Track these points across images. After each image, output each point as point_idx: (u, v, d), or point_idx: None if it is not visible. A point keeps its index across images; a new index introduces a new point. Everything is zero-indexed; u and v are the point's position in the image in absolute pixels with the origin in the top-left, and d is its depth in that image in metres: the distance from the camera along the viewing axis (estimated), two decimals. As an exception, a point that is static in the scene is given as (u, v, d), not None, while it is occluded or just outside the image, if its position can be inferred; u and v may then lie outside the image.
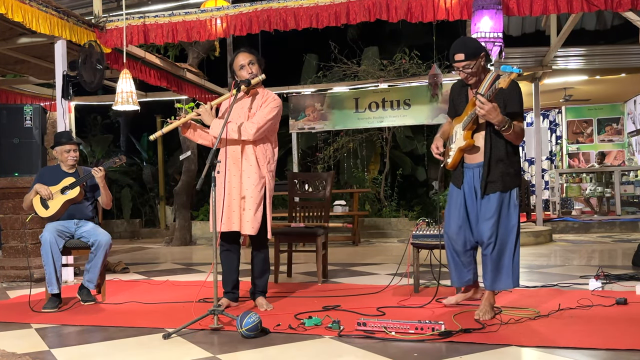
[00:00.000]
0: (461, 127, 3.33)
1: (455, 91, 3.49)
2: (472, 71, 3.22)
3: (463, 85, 3.42)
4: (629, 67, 9.34)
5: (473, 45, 3.22)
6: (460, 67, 3.22)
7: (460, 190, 3.39)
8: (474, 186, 3.33)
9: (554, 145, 13.50)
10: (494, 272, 3.29)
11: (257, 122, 3.66)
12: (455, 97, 3.49)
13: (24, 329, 3.43)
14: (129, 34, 6.10)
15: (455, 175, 3.44)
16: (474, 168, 3.33)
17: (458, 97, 3.46)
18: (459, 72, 3.26)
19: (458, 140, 3.36)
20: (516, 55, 8.83)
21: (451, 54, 3.26)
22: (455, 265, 3.48)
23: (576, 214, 10.84)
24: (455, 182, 3.43)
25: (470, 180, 3.35)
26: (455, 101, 3.48)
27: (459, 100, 3.45)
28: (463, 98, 3.41)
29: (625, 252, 6.60)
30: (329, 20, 5.58)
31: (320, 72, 12.12)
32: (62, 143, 4.29)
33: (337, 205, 8.65)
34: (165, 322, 3.43)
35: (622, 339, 2.75)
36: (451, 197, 3.45)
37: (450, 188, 3.49)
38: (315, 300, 4.00)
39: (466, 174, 3.37)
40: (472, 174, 3.34)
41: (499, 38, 5.19)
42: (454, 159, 3.39)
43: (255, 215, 3.67)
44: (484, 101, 3.01)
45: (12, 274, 5.52)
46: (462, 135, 3.31)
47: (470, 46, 3.21)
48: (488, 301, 3.32)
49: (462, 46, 3.22)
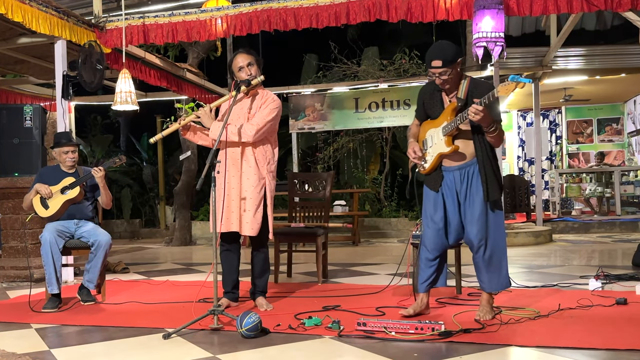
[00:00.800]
0: (441, 133, 3.26)
1: (427, 95, 3.40)
2: (448, 78, 3.17)
3: (436, 90, 3.34)
4: (629, 67, 9.34)
5: (451, 52, 3.13)
6: (437, 74, 3.16)
7: (438, 193, 3.33)
8: (456, 189, 3.28)
9: (554, 145, 13.50)
10: (490, 274, 3.28)
11: (257, 124, 3.66)
12: (426, 101, 3.40)
13: (24, 329, 3.43)
14: (129, 34, 6.10)
15: (431, 179, 3.37)
16: (454, 171, 3.28)
17: (430, 101, 3.37)
18: (436, 77, 3.19)
19: (438, 145, 3.29)
20: (516, 55, 8.83)
21: (428, 60, 3.17)
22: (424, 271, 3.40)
23: (576, 214, 10.84)
24: (432, 185, 3.36)
25: (451, 183, 3.29)
26: (426, 105, 3.40)
27: (431, 104, 3.37)
28: (437, 102, 3.34)
29: (625, 252, 6.60)
30: (329, 20, 5.58)
31: (320, 72, 12.12)
32: (61, 144, 4.29)
33: (337, 205, 8.65)
34: (165, 322, 3.43)
35: (622, 339, 2.75)
36: (428, 201, 3.38)
37: (425, 192, 3.42)
38: (315, 300, 4.00)
39: (446, 177, 3.32)
40: (454, 176, 3.28)
41: (501, 38, 5.19)
42: (432, 164, 3.33)
43: (254, 216, 3.67)
44: (481, 108, 2.97)
45: (12, 274, 5.52)
46: (444, 140, 3.25)
47: (449, 52, 3.12)
48: (488, 302, 3.32)
49: (440, 52, 3.13)
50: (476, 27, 5.22)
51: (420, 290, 3.43)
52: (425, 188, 3.41)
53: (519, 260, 6.17)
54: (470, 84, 3.20)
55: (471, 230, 3.23)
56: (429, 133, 3.36)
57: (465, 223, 3.26)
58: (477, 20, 5.19)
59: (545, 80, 9.56)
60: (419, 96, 3.46)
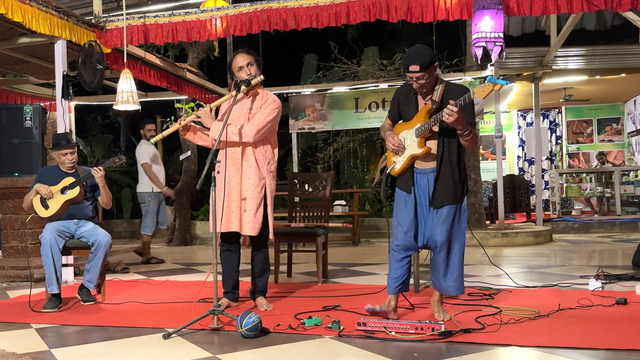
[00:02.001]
0: (414, 134, 3.28)
1: (402, 96, 3.42)
2: (425, 82, 3.20)
3: (411, 92, 3.36)
4: (629, 67, 9.35)
5: (429, 56, 3.16)
6: (415, 78, 3.19)
7: (410, 195, 3.33)
8: (429, 192, 3.29)
9: (554, 145, 13.50)
10: (448, 276, 3.28)
11: (257, 124, 3.66)
12: (401, 102, 3.42)
13: (24, 329, 3.43)
14: (129, 34, 6.10)
15: (403, 181, 3.37)
16: (428, 173, 3.29)
17: (405, 103, 3.40)
18: (413, 82, 3.22)
19: (410, 147, 3.30)
20: (516, 55, 8.84)
21: (405, 64, 3.19)
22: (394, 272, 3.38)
23: (576, 214, 10.84)
24: (404, 187, 3.36)
25: (424, 185, 3.30)
26: (401, 107, 3.42)
27: (406, 106, 3.39)
28: (411, 104, 3.36)
29: (625, 252, 6.60)
30: (329, 20, 5.58)
31: (320, 72, 12.12)
32: (60, 146, 4.28)
33: (337, 205, 8.65)
34: (165, 322, 3.43)
35: (622, 339, 2.75)
36: (400, 202, 3.37)
37: (397, 193, 3.41)
38: (315, 300, 4.00)
39: (419, 179, 3.32)
40: (427, 179, 3.29)
41: (500, 38, 5.19)
42: (403, 165, 3.33)
43: (255, 216, 3.67)
44: (455, 110, 2.99)
45: (12, 274, 5.52)
46: (416, 142, 3.26)
47: (427, 57, 3.15)
48: (440, 302, 3.36)
49: (417, 57, 3.15)
50: (475, 27, 5.22)
51: (389, 291, 3.38)
52: (397, 189, 3.42)
53: (519, 260, 6.17)
54: (446, 88, 3.25)
55: (436, 231, 3.23)
56: (402, 135, 3.37)
57: (433, 223, 3.26)
58: (477, 20, 5.19)
59: (545, 80, 9.57)
60: (394, 97, 3.48)
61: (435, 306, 3.37)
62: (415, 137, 3.27)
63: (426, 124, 3.20)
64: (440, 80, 3.28)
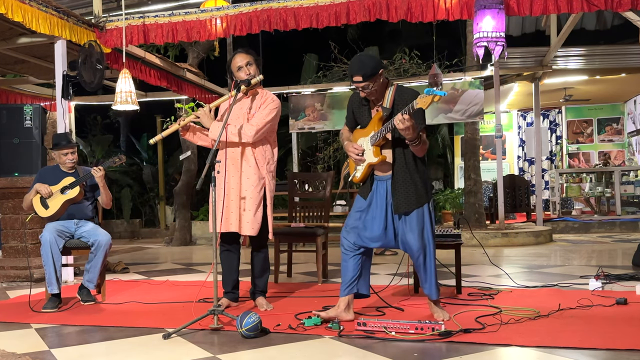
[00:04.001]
0: (369, 142, 3.27)
1: (356, 104, 3.41)
2: (371, 90, 3.19)
3: (364, 99, 3.35)
4: (629, 67, 9.35)
5: (371, 65, 3.13)
6: (360, 88, 3.18)
7: (366, 200, 3.34)
8: (386, 200, 3.28)
9: (554, 145, 13.50)
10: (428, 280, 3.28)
11: (257, 125, 3.66)
12: (355, 109, 3.42)
13: (24, 329, 3.43)
14: (129, 34, 6.10)
15: (363, 187, 3.39)
16: (387, 180, 3.29)
17: (359, 110, 3.39)
18: (359, 91, 3.22)
19: (367, 155, 3.29)
20: (516, 55, 8.84)
21: (349, 75, 3.20)
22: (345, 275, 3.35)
23: (576, 214, 10.84)
24: (362, 193, 3.38)
25: (383, 192, 3.29)
26: (356, 113, 3.42)
27: (360, 112, 3.39)
28: (365, 112, 3.36)
29: (625, 252, 6.60)
30: (329, 20, 5.58)
31: (320, 72, 12.10)
32: (60, 146, 4.28)
33: (337, 205, 8.65)
34: (165, 322, 3.43)
35: (622, 339, 2.75)
36: (355, 204, 3.39)
37: (357, 198, 3.42)
38: (315, 300, 4.00)
39: (379, 186, 3.32)
40: (386, 186, 3.29)
41: (501, 37, 5.19)
42: (363, 173, 3.33)
43: (255, 216, 3.67)
44: (407, 117, 2.97)
45: (12, 274, 5.52)
46: (372, 151, 3.25)
47: (369, 66, 3.12)
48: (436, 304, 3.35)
49: (360, 67, 3.12)
50: (477, 27, 5.22)
51: (340, 293, 3.35)
52: (357, 196, 3.44)
53: (519, 260, 6.17)
54: (396, 93, 3.22)
55: (410, 238, 3.21)
56: (359, 142, 3.37)
57: (404, 232, 3.23)
58: (478, 20, 5.19)
59: (545, 80, 9.57)
60: (349, 104, 3.47)
61: (432, 307, 3.36)
62: (371, 145, 3.27)
63: (379, 132, 3.20)
64: (390, 84, 3.26)
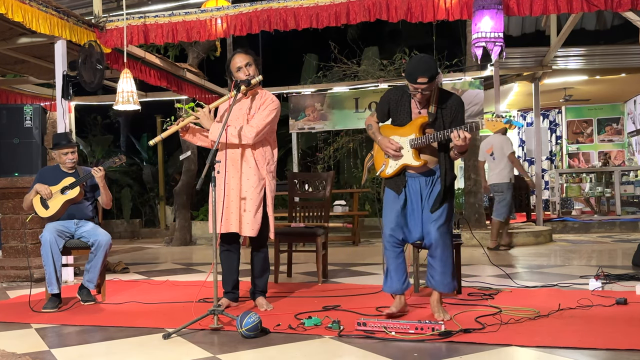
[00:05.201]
0: (407, 144, 3.30)
1: (393, 100, 3.39)
2: (429, 93, 3.21)
3: (405, 95, 3.34)
4: (629, 67, 9.34)
5: (435, 67, 3.15)
6: (421, 90, 3.17)
7: (401, 195, 3.38)
8: (421, 194, 3.34)
9: (554, 145, 13.50)
10: (444, 274, 3.30)
11: (256, 126, 3.66)
12: (393, 106, 3.39)
13: (24, 329, 3.43)
14: (129, 34, 6.09)
15: (394, 182, 3.41)
16: (420, 177, 3.35)
17: (397, 106, 3.38)
18: (417, 92, 3.19)
19: (405, 155, 3.32)
20: (516, 55, 8.83)
21: (413, 75, 3.14)
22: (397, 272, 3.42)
23: (576, 214, 10.83)
24: (395, 187, 3.41)
25: (417, 187, 3.35)
26: (392, 109, 3.40)
27: (398, 109, 3.37)
28: (404, 110, 3.35)
29: (625, 252, 6.60)
30: (329, 20, 5.58)
31: (320, 72, 12.12)
32: (61, 146, 4.28)
33: (337, 205, 8.65)
34: (165, 322, 3.43)
35: (622, 339, 2.75)
36: (388, 201, 3.42)
37: (386, 192, 3.45)
38: (315, 300, 4.00)
39: (412, 182, 3.37)
40: (419, 182, 3.35)
41: (500, 38, 5.18)
42: (395, 171, 3.36)
43: (255, 217, 3.67)
44: (469, 137, 3.05)
45: (12, 274, 5.53)
46: (410, 153, 3.29)
47: (434, 68, 3.14)
48: (439, 302, 3.36)
49: (426, 68, 3.11)
50: (475, 27, 5.22)
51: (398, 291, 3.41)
52: (387, 188, 3.46)
53: (519, 260, 6.17)
54: (439, 97, 3.26)
55: (432, 228, 3.28)
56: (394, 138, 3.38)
57: (427, 223, 3.31)
58: (476, 20, 5.19)
59: (545, 80, 9.56)
60: (384, 99, 3.44)
61: (435, 306, 3.37)
62: (410, 147, 3.29)
63: (424, 138, 3.24)
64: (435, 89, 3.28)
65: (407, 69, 3.21)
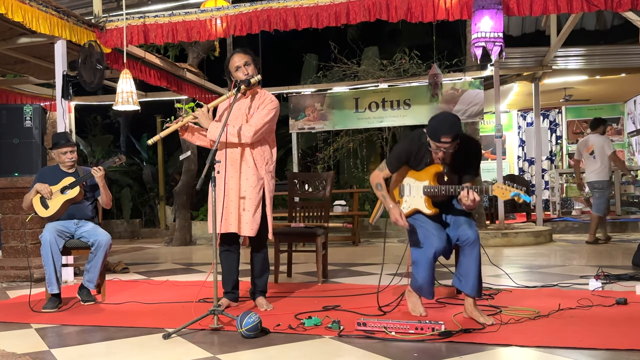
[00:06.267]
0: (421, 190, 3.29)
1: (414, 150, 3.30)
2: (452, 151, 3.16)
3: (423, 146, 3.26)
4: (629, 67, 9.34)
5: (459, 126, 3.09)
6: (444, 148, 3.11)
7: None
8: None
9: (554, 145, 13.50)
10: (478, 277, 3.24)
11: (255, 125, 3.66)
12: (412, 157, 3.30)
13: (24, 329, 3.43)
14: (129, 34, 6.10)
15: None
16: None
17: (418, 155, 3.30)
18: (440, 151, 3.14)
19: (416, 200, 3.32)
20: (516, 55, 8.83)
21: (437, 134, 3.07)
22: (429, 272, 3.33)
23: (576, 214, 10.83)
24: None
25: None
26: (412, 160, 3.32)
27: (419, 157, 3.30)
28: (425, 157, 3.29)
29: (625, 252, 6.60)
30: (329, 20, 5.58)
31: (320, 72, 12.11)
32: (60, 145, 4.28)
33: (337, 205, 8.65)
34: (165, 322, 3.43)
35: (622, 339, 2.75)
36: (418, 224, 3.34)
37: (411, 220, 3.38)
38: (315, 300, 4.00)
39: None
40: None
41: (500, 38, 5.18)
42: (408, 212, 3.36)
43: (254, 216, 3.67)
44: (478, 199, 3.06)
45: (12, 274, 5.53)
46: (423, 200, 3.29)
47: (458, 126, 3.08)
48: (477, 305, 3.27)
49: (451, 128, 3.05)
50: (475, 27, 5.22)
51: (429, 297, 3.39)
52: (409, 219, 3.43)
53: (519, 260, 6.17)
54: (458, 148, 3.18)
55: (467, 229, 3.23)
56: (407, 180, 3.38)
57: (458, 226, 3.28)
58: (476, 20, 5.19)
59: (545, 80, 9.56)
60: (404, 151, 3.33)
61: (473, 310, 3.22)
62: (422, 194, 3.30)
63: (437, 188, 3.23)
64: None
65: (430, 127, 3.11)
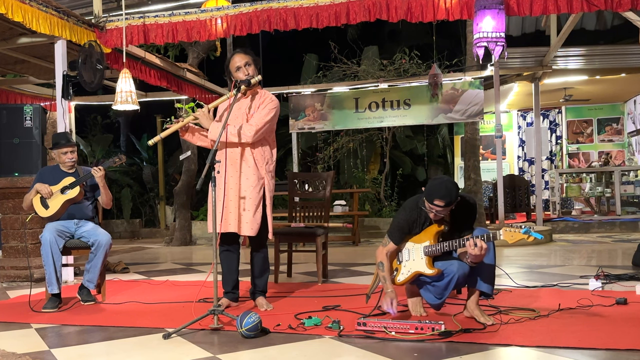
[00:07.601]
0: (421, 251, 3.26)
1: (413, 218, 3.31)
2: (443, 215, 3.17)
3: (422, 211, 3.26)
4: (629, 67, 9.34)
5: (455, 194, 3.10)
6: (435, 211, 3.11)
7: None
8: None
9: (554, 145, 13.50)
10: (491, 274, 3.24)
11: (256, 125, 3.66)
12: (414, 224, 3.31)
13: (24, 329, 3.43)
14: (129, 34, 6.10)
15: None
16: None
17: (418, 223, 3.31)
18: (431, 212, 3.14)
19: (416, 262, 3.28)
20: (516, 55, 8.83)
21: (432, 196, 3.09)
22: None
23: (576, 214, 10.83)
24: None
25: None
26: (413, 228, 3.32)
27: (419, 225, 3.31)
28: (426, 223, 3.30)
29: (625, 252, 6.60)
30: (329, 20, 5.58)
31: (320, 72, 12.13)
32: (60, 145, 4.28)
33: (337, 205, 8.65)
34: (165, 322, 3.43)
35: (622, 339, 2.75)
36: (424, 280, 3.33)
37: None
38: (315, 300, 4.00)
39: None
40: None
41: (501, 38, 5.19)
42: (407, 279, 3.32)
43: (254, 216, 3.67)
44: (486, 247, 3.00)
45: (12, 274, 5.53)
46: (424, 260, 3.24)
47: (454, 194, 3.09)
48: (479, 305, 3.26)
49: (446, 194, 3.06)
50: (477, 27, 5.22)
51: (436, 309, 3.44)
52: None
53: (519, 260, 6.17)
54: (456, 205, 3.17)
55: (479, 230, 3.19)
56: (406, 245, 3.35)
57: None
58: (478, 20, 5.19)
59: (545, 80, 9.56)
60: (404, 225, 3.33)
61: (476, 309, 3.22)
62: (423, 254, 3.26)
63: (439, 246, 3.19)
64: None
65: (428, 189, 3.13)
